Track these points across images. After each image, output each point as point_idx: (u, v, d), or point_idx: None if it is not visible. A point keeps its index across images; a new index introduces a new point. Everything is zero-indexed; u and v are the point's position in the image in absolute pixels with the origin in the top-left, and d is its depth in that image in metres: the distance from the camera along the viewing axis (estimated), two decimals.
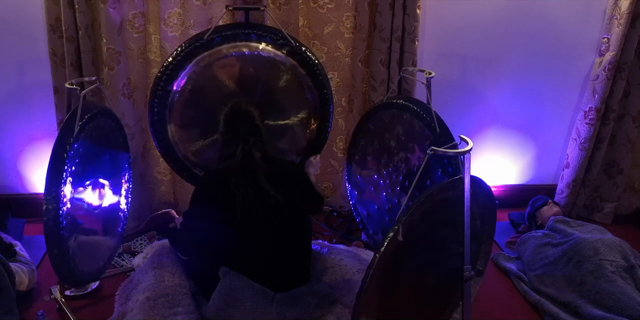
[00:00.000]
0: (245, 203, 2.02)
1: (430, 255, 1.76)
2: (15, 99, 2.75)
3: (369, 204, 2.59)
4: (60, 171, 1.82)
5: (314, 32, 2.75)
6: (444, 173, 2.11)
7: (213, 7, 2.60)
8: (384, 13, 2.63)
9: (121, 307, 2.16)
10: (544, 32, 2.89)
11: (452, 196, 1.65)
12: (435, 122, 2.14)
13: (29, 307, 2.24)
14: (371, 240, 2.63)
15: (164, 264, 2.25)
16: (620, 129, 2.98)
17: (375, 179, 2.52)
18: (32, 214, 2.82)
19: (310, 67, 2.38)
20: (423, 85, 2.25)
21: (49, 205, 1.80)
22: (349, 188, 2.69)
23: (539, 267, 2.48)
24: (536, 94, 3.04)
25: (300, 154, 2.54)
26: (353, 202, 2.69)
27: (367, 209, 2.61)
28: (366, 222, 2.63)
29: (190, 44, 2.29)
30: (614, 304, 2.19)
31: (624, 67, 2.79)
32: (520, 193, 3.18)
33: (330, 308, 2.08)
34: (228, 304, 1.98)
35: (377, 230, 2.57)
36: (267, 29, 2.38)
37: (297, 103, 2.44)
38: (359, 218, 2.67)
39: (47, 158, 1.84)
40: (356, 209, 2.68)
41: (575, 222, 2.71)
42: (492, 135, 3.10)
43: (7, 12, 2.59)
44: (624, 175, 3.05)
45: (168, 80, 2.31)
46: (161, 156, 2.51)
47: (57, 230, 1.82)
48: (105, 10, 2.44)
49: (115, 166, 2.32)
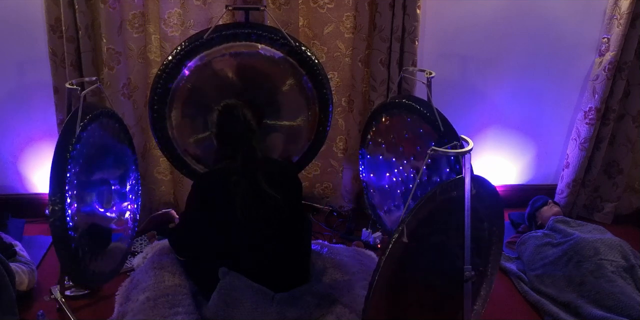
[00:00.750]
0: (245, 203, 2.01)
1: (436, 256, 1.74)
2: (15, 99, 2.75)
3: (385, 202, 2.56)
4: (64, 172, 1.81)
5: (314, 32, 2.75)
6: (452, 171, 2.10)
7: (213, 7, 2.60)
8: (384, 13, 2.63)
9: (121, 307, 2.16)
10: (544, 32, 2.89)
11: (456, 196, 1.64)
12: (439, 121, 2.13)
13: (29, 307, 2.24)
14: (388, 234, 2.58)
15: (164, 264, 2.25)
16: (620, 129, 2.98)
17: (388, 177, 2.50)
18: (32, 214, 2.82)
19: (310, 67, 2.37)
20: (423, 85, 2.24)
21: (54, 206, 1.78)
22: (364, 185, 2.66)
23: (539, 267, 2.48)
24: (536, 94, 3.04)
25: (299, 153, 2.54)
26: (369, 200, 2.66)
27: (385, 206, 2.58)
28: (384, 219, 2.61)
29: (190, 43, 2.29)
30: (614, 303, 2.19)
31: (624, 67, 2.79)
32: (520, 193, 3.18)
33: (330, 308, 2.07)
34: (228, 304, 1.97)
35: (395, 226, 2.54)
36: (267, 28, 2.38)
37: (296, 103, 2.44)
38: (375, 215, 2.64)
39: (48, 158, 1.83)
40: (372, 207, 2.65)
41: (575, 222, 2.71)
42: (492, 135, 3.10)
43: (7, 12, 2.59)
44: (624, 175, 3.05)
45: (168, 78, 2.31)
46: (160, 151, 2.51)
47: (64, 230, 1.81)
48: (105, 10, 2.45)
49: (122, 167, 2.31)
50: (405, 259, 1.60)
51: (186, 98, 2.36)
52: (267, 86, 2.39)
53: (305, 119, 2.47)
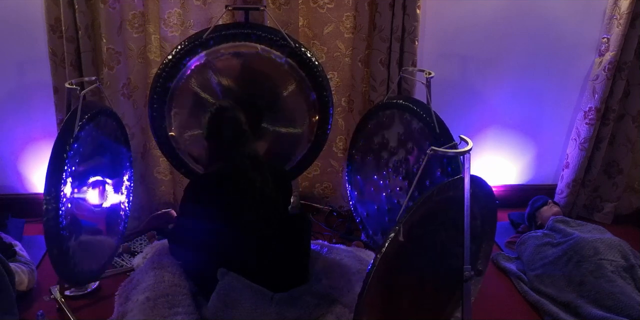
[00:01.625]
0: (243, 204, 2.01)
1: (431, 255, 1.75)
2: (15, 99, 2.76)
3: (369, 205, 2.59)
4: (60, 171, 1.82)
5: (314, 32, 2.75)
6: (443, 173, 2.11)
7: (213, 7, 2.60)
8: (384, 13, 2.63)
9: (121, 307, 2.15)
10: (544, 32, 2.89)
11: (453, 196, 1.65)
12: (435, 122, 2.14)
13: (28, 307, 2.24)
14: (371, 241, 2.63)
15: (164, 264, 2.24)
16: (620, 129, 2.98)
17: (375, 180, 2.52)
18: (32, 214, 2.82)
19: (310, 69, 2.37)
20: (423, 85, 2.25)
21: (48, 205, 1.79)
22: (349, 188, 2.69)
23: (539, 267, 2.48)
24: (536, 94, 3.04)
25: (299, 155, 2.53)
26: (353, 203, 2.69)
27: (367, 210, 2.60)
28: (366, 223, 2.63)
29: (190, 43, 2.29)
30: (613, 303, 2.19)
31: (624, 67, 2.79)
32: (520, 193, 3.18)
33: (329, 308, 2.07)
34: (227, 304, 1.97)
35: (377, 230, 2.57)
36: (267, 29, 2.38)
37: (296, 104, 2.44)
38: (358, 218, 2.67)
39: (47, 158, 1.83)
40: (356, 209, 2.68)
41: (575, 222, 2.71)
42: (492, 135, 3.10)
43: (7, 12, 2.59)
44: (623, 175, 3.05)
45: (167, 77, 2.31)
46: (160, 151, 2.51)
47: (57, 229, 1.82)
48: (105, 10, 2.45)
49: (117, 165, 2.32)
50: (401, 257, 1.61)
51: (185, 97, 2.36)
52: (267, 87, 2.39)
53: (305, 121, 2.46)
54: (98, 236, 2.22)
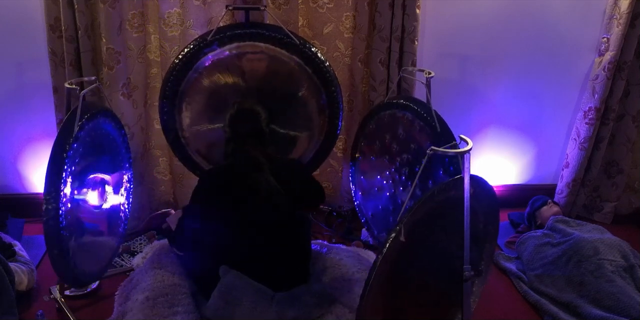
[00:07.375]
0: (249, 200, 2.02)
1: (433, 255, 1.75)
2: (15, 99, 2.75)
3: (373, 205, 2.58)
4: (60, 171, 1.82)
5: (314, 32, 2.75)
6: (445, 172, 2.11)
7: (213, 7, 2.60)
8: (384, 13, 2.63)
9: (121, 307, 2.15)
10: (544, 32, 2.89)
11: (453, 196, 1.64)
12: (436, 122, 2.14)
13: (28, 307, 2.24)
14: (376, 241, 2.62)
15: (163, 263, 2.25)
16: (620, 128, 2.98)
17: (378, 180, 2.51)
18: (31, 214, 2.81)
19: (317, 65, 2.36)
20: (422, 85, 2.25)
21: (48, 205, 1.79)
22: (353, 189, 2.68)
23: (539, 267, 2.48)
24: (536, 94, 3.04)
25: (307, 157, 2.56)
26: (358, 203, 2.68)
27: (372, 210, 2.60)
28: (371, 223, 2.62)
29: (195, 46, 2.30)
30: (613, 303, 2.19)
31: (624, 66, 2.80)
32: (520, 193, 3.17)
33: (329, 308, 2.07)
34: (228, 303, 1.98)
35: (382, 230, 2.56)
36: (270, 27, 2.37)
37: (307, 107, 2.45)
38: (364, 219, 2.66)
39: (47, 158, 1.84)
40: (361, 209, 2.67)
41: (574, 222, 2.71)
42: (492, 135, 3.10)
43: (6, 12, 2.59)
44: (623, 175, 3.05)
45: (175, 81, 2.33)
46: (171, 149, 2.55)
47: (57, 230, 1.82)
48: (104, 10, 2.44)
49: (116, 166, 2.32)
50: (402, 257, 1.61)
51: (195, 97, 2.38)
52: (278, 88, 2.40)
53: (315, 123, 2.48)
54: (98, 238, 2.22)
